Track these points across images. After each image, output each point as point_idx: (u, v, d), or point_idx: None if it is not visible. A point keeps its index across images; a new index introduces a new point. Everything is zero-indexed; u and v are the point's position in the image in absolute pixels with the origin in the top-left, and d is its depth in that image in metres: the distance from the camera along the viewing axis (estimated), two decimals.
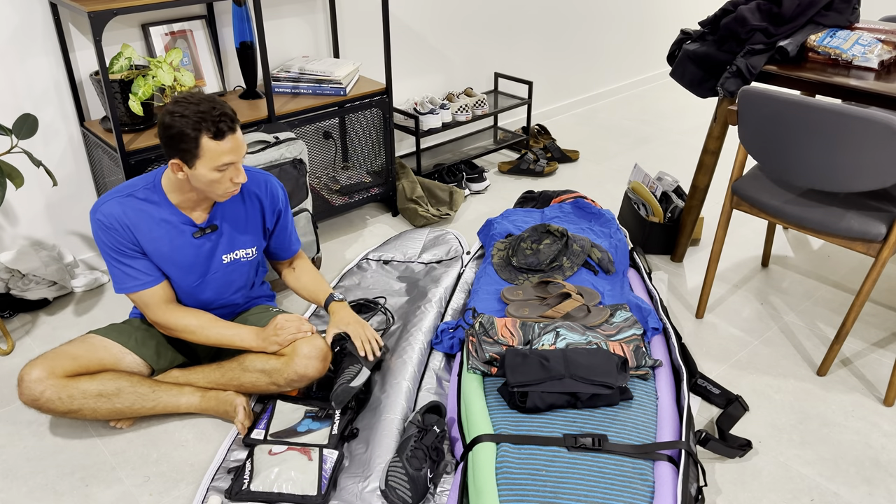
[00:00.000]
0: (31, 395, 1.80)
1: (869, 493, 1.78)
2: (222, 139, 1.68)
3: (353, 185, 3.01)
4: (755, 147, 2.10)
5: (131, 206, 1.82)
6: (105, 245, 1.82)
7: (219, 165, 1.71)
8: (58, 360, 1.84)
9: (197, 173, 1.72)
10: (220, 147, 1.69)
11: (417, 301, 2.39)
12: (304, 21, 2.94)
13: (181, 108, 1.67)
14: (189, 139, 1.66)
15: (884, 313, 2.46)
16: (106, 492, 1.79)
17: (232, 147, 1.70)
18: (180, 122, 1.66)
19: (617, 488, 1.57)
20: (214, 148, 1.68)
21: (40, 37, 2.33)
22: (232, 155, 1.71)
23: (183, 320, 1.90)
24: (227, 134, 1.68)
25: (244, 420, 1.90)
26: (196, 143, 1.67)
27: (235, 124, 1.71)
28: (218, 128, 1.67)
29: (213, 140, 1.67)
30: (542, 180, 3.50)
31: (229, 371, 1.96)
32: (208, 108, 1.66)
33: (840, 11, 2.35)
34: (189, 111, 1.66)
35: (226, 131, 1.68)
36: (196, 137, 1.66)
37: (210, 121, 1.66)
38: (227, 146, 1.70)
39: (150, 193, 1.84)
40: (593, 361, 1.83)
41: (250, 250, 2.00)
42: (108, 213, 1.80)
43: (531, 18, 3.82)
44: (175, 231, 1.86)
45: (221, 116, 1.67)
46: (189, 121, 1.65)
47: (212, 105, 1.67)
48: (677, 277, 2.68)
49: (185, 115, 1.66)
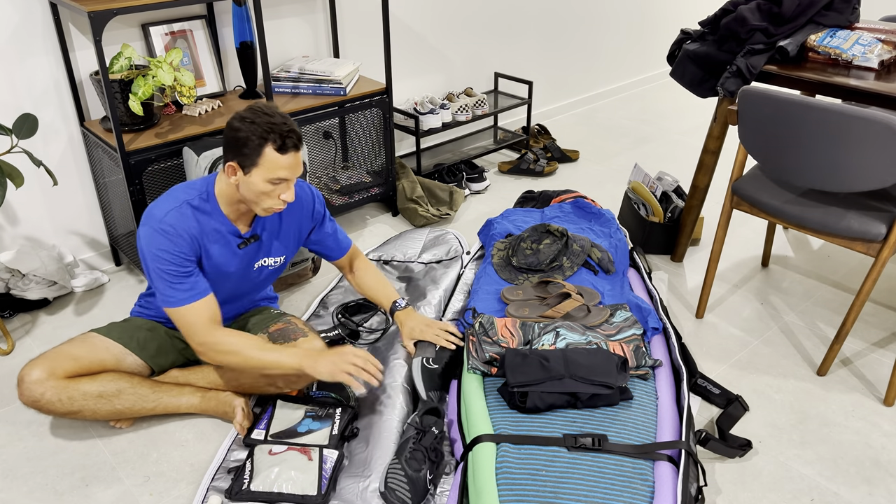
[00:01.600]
0: (32, 396, 1.80)
1: (869, 493, 1.78)
2: (284, 153, 1.72)
3: (353, 184, 3.01)
4: (755, 147, 2.10)
5: (188, 213, 1.80)
6: (164, 254, 1.76)
7: (273, 178, 1.73)
8: (58, 361, 1.83)
9: (250, 181, 1.74)
10: (280, 161, 1.72)
11: (417, 301, 2.39)
12: (304, 21, 2.94)
13: (253, 115, 1.70)
14: (253, 145, 1.69)
15: (884, 313, 2.46)
16: (106, 492, 1.79)
17: (291, 164, 1.74)
18: (249, 127, 1.69)
19: (617, 488, 1.57)
20: (274, 160, 1.71)
21: (40, 37, 2.33)
22: (288, 171, 1.74)
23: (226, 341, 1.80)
24: (290, 150, 1.72)
25: (243, 421, 1.90)
26: (259, 150, 1.70)
27: (300, 143, 1.75)
28: (284, 142, 1.71)
29: (275, 152, 1.71)
30: (542, 180, 3.50)
31: (228, 371, 1.97)
32: (280, 121, 1.71)
33: (840, 11, 2.35)
34: (260, 120, 1.69)
35: (290, 147, 1.72)
36: (260, 145, 1.69)
37: (278, 133, 1.70)
38: (287, 161, 1.73)
39: (204, 203, 1.83)
40: (593, 361, 1.83)
41: (279, 259, 2.01)
42: (172, 222, 1.77)
43: (531, 18, 3.82)
44: (224, 241, 1.87)
45: (290, 132, 1.71)
46: (258, 128, 1.69)
47: (283, 120, 1.72)
48: (677, 277, 2.68)
49: (256, 122, 1.69)
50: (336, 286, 2.58)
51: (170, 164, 2.51)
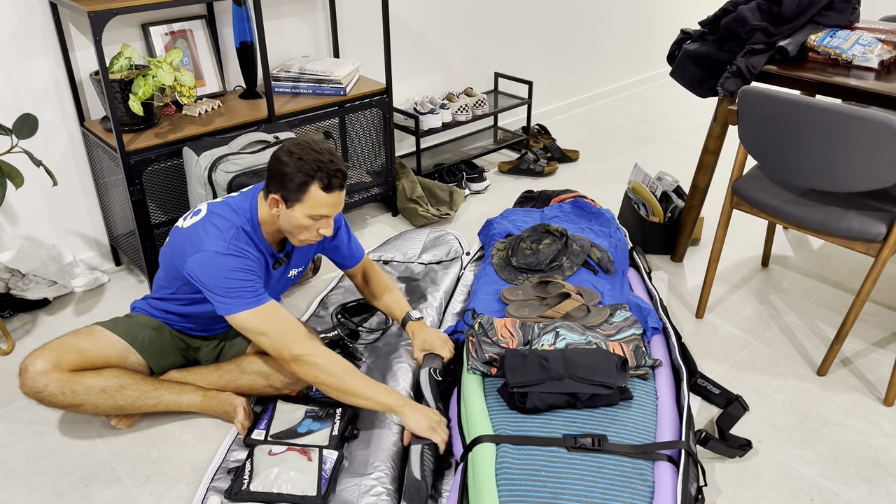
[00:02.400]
0: (35, 387, 1.78)
1: (869, 493, 1.78)
2: (330, 192, 1.73)
3: (353, 184, 3.01)
4: (755, 147, 2.10)
5: (243, 237, 1.80)
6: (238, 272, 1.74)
7: (315, 214, 1.74)
8: (64, 354, 1.82)
9: (292, 214, 1.75)
10: (324, 199, 1.73)
11: (417, 302, 2.39)
12: (304, 21, 2.94)
13: (301, 151, 1.71)
14: (298, 181, 1.70)
15: (884, 313, 2.46)
16: (106, 492, 1.80)
17: (334, 202, 1.75)
18: (296, 164, 1.69)
19: (617, 488, 1.57)
20: (319, 198, 1.72)
21: (40, 37, 2.33)
22: (331, 209, 1.75)
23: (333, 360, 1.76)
24: (335, 189, 1.73)
25: (244, 420, 1.90)
26: (304, 188, 1.71)
27: (345, 183, 1.76)
28: (330, 181, 1.71)
29: (321, 191, 1.71)
30: (542, 180, 3.50)
31: (227, 373, 1.97)
32: (327, 159, 1.71)
33: (840, 11, 2.35)
34: (308, 157, 1.70)
35: (336, 187, 1.73)
36: (306, 182, 1.70)
37: (325, 171, 1.70)
38: (331, 200, 1.74)
39: (252, 229, 1.83)
40: (593, 361, 1.83)
41: (298, 269, 2.04)
42: (238, 246, 1.76)
43: (531, 18, 3.82)
44: (265, 263, 1.89)
45: (336, 172, 1.72)
46: (305, 165, 1.69)
47: (331, 158, 1.72)
48: (677, 277, 2.68)
49: (304, 159, 1.70)
50: (336, 286, 2.58)
51: (170, 164, 2.51)
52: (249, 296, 1.74)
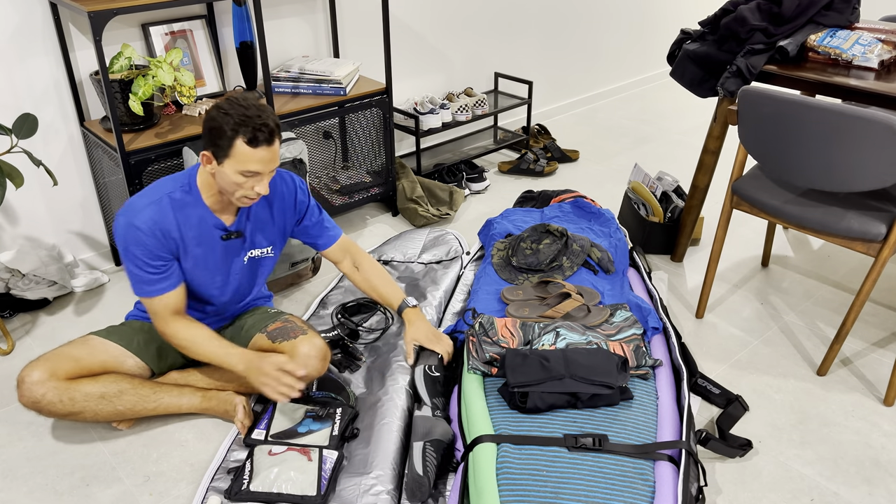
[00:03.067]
0: (32, 397, 1.79)
1: (869, 493, 1.78)
2: (256, 147, 1.70)
3: (353, 184, 3.01)
4: (755, 147, 2.10)
5: (168, 207, 1.81)
6: (138, 249, 1.78)
7: (244, 171, 1.73)
8: (59, 362, 1.83)
9: (223, 171, 1.74)
10: (251, 154, 1.71)
11: (417, 301, 2.39)
12: (304, 21, 2.94)
13: (229, 106, 1.70)
14: (225, 137, 1.69)
15: (884, 313, 2.46)
16: (106, 492, 1.79)
17: (262, 158, 1.72)
18: (223, 118, 1.69)
19: (617, 488, 1.57)
20: (245, 153, 1.70)
21: (40, 37, 2.33)
22: (260, 165, 1.73)
23: (181, 333, 1.87)
24: (261, 144, 1.71)
25: (244, 419, 1.90)
26: (230, 142, 1.69)
27: (273, 139, 1.73)
28: (255, 135, 1.69)
29: (246, 145, 1.70)
30: (542, 180, 3.50)
31: (228, 371, 1.96)
32: (254, 114, 1.69)
33: (840, 11, 2.35)
34: (234, 111, 1.69)
35: (261, 141, 1.70)
36: (232, 137, 1.69)
37: (250, 126, 1.68)
38: (258, 155, 1.72)
39: (186, 194, 1.83)
40: (593, 361, 1.83)
41: (267, 249, 2.01)
42: (147, 219, 1.77)
43: (531, 18, 3.82)
44: (208, 232, 1.87)
45: (262, 126, 1.70)
46: (231, 120, 1.68)
47: (258, 112, 1.70)
48: (677, 277, 2.68)
49: (230, 113, 1.68)
50: (336, 286, 2.58)
51: (170, 164, 2.50)
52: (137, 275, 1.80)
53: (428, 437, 1.75)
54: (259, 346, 1.98)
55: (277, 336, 1.95)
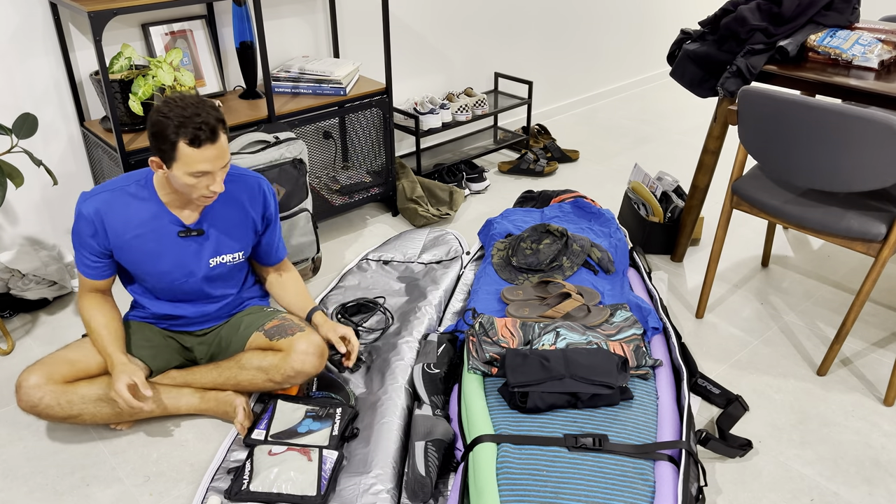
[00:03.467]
0: (30, 401, 1.79)
1: (869, 493, 1.78)
2: (199, 147, 1.66)
3: (353, 184, 3.01)
4: (755, 147, 2.10)
5: (119, 200, 1.82)
6: (77, 232, 1.84)
7: (193, 172, 1.69)
8: (55, 366, 1.83)
9: (174, 174, 1.72)
10: (197, 154, 1.67)
11: (418, 301, 2.39)
12: (304, 21, 2.94)
13: (167, 108, 1.66)
14: (168, 141, 1.66)
15: (884, 313, 2.46)
16: (106, 492, 1.79)
17: (208, 157, 1.68)
18: (163, 122, 1.65)
19: (618, 488, 1.57)
20: (190, 154, 1.67)
21: (40, 37, 2.33)
22: (208, 164, 1.69)
23: (84, 313, 1.91)
24: (204, 143, 1.66)
25: (243, 420, 1.90)
26: (174, 146, 1.66)
27: (216, 135, 1.68)
28: (196, 135, 1.65)
29: (188, 146, 1.66)
30: (542, 180, 3.50)
31: (227, 370, 1.96)
32: (192, 113, 1.65)
33: (840, 11, 2.35)
34: (173, 114, 1.65)
35: (203, 140, 1.66)
36: (174, 141, 1.65)
37: (191, 126, 1.64)
38: (204, 155, 1.68)
39: (141, 189, 1.84)
40: (593, 361, 1.83)
41: (237, 254, 1.98)
42: (92, 208, 1.81)
43: (531, 18, 3.82)
44: (161, 228, 1.86)
45: (202, 125, 1.65)
46: (171, 123, 1.64)
47: (196, 111, 1.65)
48: (677, 277, 2.68)
49: (169, 116, 1.65)
50: (336, 286, 2.58)
51: None
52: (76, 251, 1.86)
53: (429, 437, 1.75)
54: (257, 344, 1.97)
55: (275, 334, 1.95)
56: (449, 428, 1.81)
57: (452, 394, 1.96)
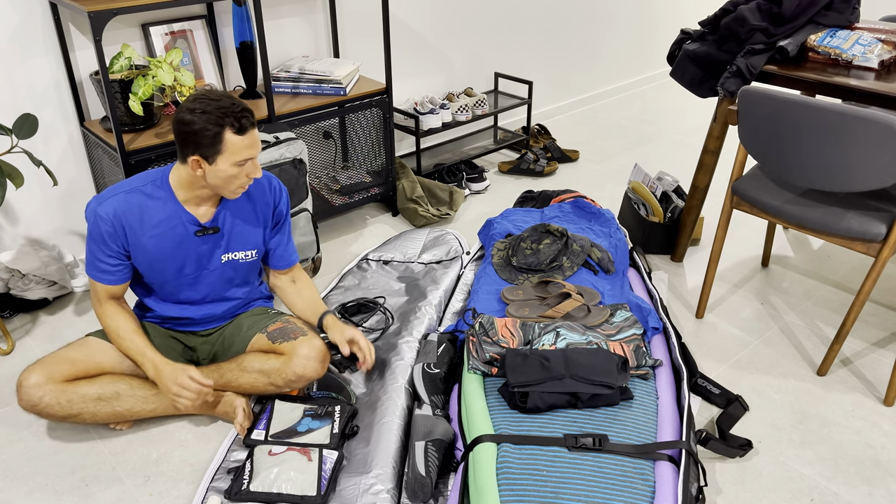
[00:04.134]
0: (31, 400, 1.79)
1: (869, 493, 1.78)
2: (245, 134, 1.72)
3: (353, 184, 3.01)
4: (755, 147, 2.10)
5: (136, 201, 1.82)
6: (96, 236, 1.83)
7: (239, 160, 1.74)
8: (56, 365, 1.83)
9: (217, 169, 1.74)
10: (243, 142, 1.72)
11: (417, 301, 2.39)
12: (304, 21, 2.94)
13: (202, 104, 1.69)
14: (211, 135, 1.69)
15: (884, 313, 2.46)
16: (106, 492, 1.79)
17: (252, 142, 1.74)
18: (202, 118, 1.68)
19: (618, 488, 1.57)
20: (237, 143, 1.71)
21: (40, 37, 2.33)
22: (252, 150, 1.75)
23: (110, 322, 1.89)
24: (248, 129, 1.72)
25: (243, 421, 1.90)
26: (219, 137, 1.69)
27: (254, 120, 1.75)
28: (241, 123, 1.70)
29: (236, 135, 1.70)
30: (542, 180, 3.50)
31: (228, 372, 1.96)
32: (229, 104, 1.70)
33: (840, 11, 2.36)
34: (211, 107, 1.68)
35: (248, 126, 1.72)
36: (219, 133, 1.69)
37: (233, 115, 1.69)
38: (248, 141, 1.73)
39: (157, 189, 1.84)
40: (593, 361, 1.83)
41: (250, 252, 1.99)
42: (111, 209, 1.80)
43: (531, 18, 3.82)
44: (179, 227, 1.86)
45: (244, 112, 1.71)
46: (212, 116, 1.68)
47: (231, 101, 1.71)
48: (677, 277, 2.68)
49: (207, 111, 1.68)
50: (336, 286, 2.58)
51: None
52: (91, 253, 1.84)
53: (429, 437, 1.75)
54: (259, 346, 1.98)
55: (277, 337, 1.95)
56: (449, 428, 1.81)
57: (452, 394, 1.96)
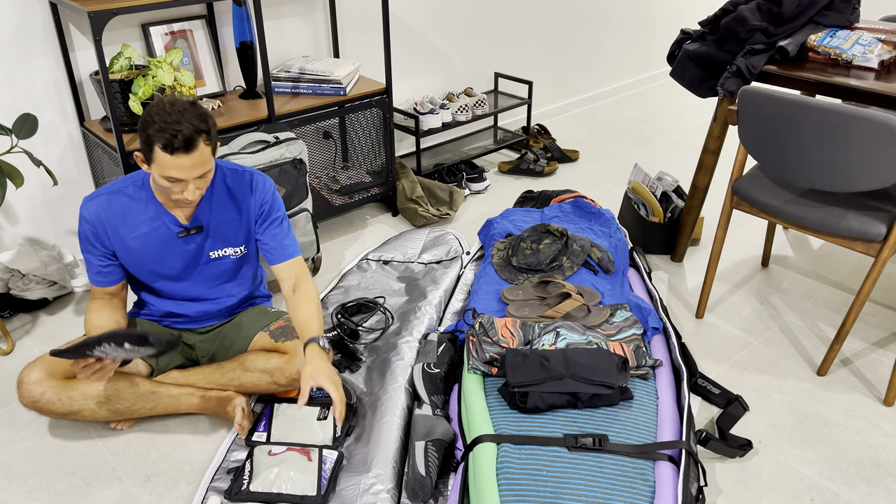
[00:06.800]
0: (31, 396, 1.80)
1: (869, 493, 1.78)
2: (172, 154, 1.67)
3: (353, 185, 3.01)
4: (755, 147, 2.10)
5: (119, 203, 1.84)
6: (81, 236, 1.87)
7: (166, 176, 1.70)
8: (56, 362, 1.84)
9: (153, 174, 1.75)
10: (169, 160, 1.67)
11: (417, 301, 2.39)
12: (304, 21, 2.94)
13: (155, 110, 1.67)
14: (146, 142, 1.68)
15: (884, 313, 2.46)
16: (106, 492, 1.79)
17: (181, 165, 1.68)
18: (146, 123, 1.67)
19: (618, 488, 1.57)
20: (164, 159, 1.67)
21: (40, 37, 2.33)
22: (180, 172, 1.69)
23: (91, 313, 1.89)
24: (177, 151, 1.66)
25: (243, 422, 1.90)
26: (151, 148, 1.68)
27: (192, 146, 1.67)
28: (170, 142, 1.65)
29: (162, 152, 1.67)
30: (542, 180, 3.50)
31: (230, 371, 1.96)
32: (173, 120, 1.65)
33: (840, 11, 2.36)
34: (157, 117, 1.66)
35: (176, 149, 1.66)
36: (151, 143, 1.67)
37: (168, 132, 1.64)
38: (176, 163, 1.67)
39: (139, 191, 1.85)
40: (593, 361, 1.83)
41: (239, 249, 1.98)
42: (92, 210, 1.83)
43: (531, 18, 3.82)
44: (162, 229, 1.87)
45: (177, 134, 1.65)
46: (152, 126, 1.66)
47: (178, 119, 1.65)
48: (677, 277, 2.68)
49: (154, 120, 1.66)
50: (336, 286, 2.58)
51: None
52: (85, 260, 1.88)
53: (429, 437, 1.75)
54: (261, 345, 1.98)
55: (280, 335, 1.96)
56: (449, 428, 1.81)
57: (452, 394, 1.96)
